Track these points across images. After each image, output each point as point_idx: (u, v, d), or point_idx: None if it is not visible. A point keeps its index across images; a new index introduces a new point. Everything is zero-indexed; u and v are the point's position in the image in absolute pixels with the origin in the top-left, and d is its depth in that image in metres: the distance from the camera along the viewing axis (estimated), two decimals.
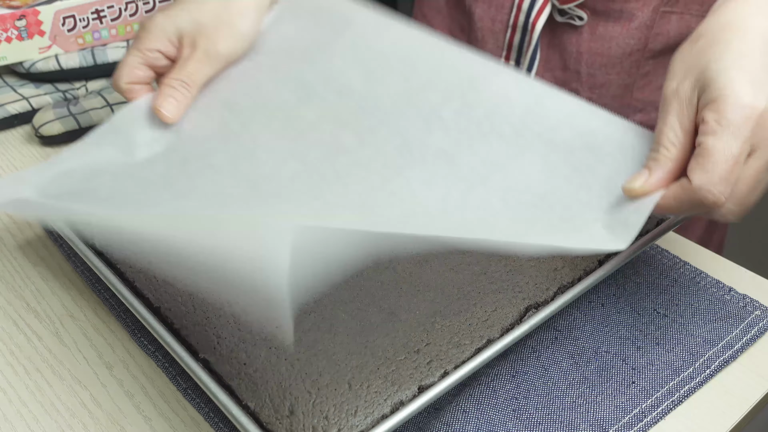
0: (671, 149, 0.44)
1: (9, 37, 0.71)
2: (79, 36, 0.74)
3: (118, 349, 0.49)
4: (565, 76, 0.76)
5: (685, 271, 0.52)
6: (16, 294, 0.54)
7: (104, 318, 0.52)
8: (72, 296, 0.53)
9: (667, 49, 0.72)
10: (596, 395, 0.45)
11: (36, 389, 0.47)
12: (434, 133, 0.51)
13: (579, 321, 0.49)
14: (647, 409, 0.44)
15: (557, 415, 0.44)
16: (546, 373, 0.46)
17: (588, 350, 0.47)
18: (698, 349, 0.47)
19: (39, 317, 0.52)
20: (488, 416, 0.44)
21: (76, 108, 0.69)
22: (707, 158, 0.41)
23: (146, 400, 0.46)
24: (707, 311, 0.50)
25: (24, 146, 0.68)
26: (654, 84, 0.74)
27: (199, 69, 0.56)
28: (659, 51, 0.72)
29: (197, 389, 0.46)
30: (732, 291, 0.51)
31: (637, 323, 0.49)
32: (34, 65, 0.73)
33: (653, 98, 0.75)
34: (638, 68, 0.73)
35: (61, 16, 0.72)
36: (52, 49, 0.73)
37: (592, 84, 0.74)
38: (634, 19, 0.70)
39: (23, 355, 0.49)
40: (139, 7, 0.76)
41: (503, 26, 0.75)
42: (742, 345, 0.47)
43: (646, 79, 0.74)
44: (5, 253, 0.57)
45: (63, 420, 0.45)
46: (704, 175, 0.41)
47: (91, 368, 0.48)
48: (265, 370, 0.43)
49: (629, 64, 0.73)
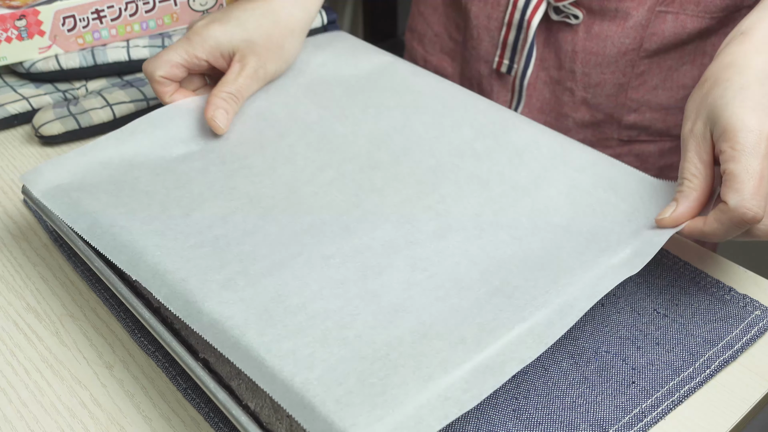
0: (694, 181, 0.48)
1: (9, 37, 0.71)
2: (79, 36, 0.74)
3: (118, 349, 0.49)
4: (560, 75, 0.76)
5: (685, 271, 0.52)
6: (16, 294, 0.54)
7: (104, 318, 0.52)
8: (72, 296, 0.53)
9: (663, 49, 0.72)
10: (596, 395, 0.45)
11: (36, 389, 0.47)
12: (466, 159, 0.55)
13: (579, 321, 0.49)
14: (647, 409, 0.44)
15: (557, 415, 0.44)
16: (546, 373, 0.46)
17: (588, 350, 0.47)
18: (698, 349, 0.47)
19: (39, 317, 0.52)
20: (488, 416, 0.44)
21: (76, 108, 0.69)
22: (735, 180, 0.45)
23: (146, 400, 0.46)
24: (707, 311, 0.50)
25: (24, 146, 0.68)
26: (649, 84, 0.74)
27: (248, 85, 0.60)
28: (654, 51, 0.72)
29: (197, 389, 0.46)
30: (732, 291, 0.51)
31: (637, 323, 0.49)
32: (34, 65, 0.73)
33: (648, 98, 0.75)
34: (633, 68, 0.73)
35: (61, 16, 0.72)
36: (52, 49, 0.73)
37: (586, 83, 0.74)
38: (629, 19, 0.70)
39: (23, 355, 0.49)
40: (139, 7, 0.76)
41: (498, 24, 0.75)
42: (742, 345, 0.47)
43: (640, 78, 0.74)
44: (5, 253, 0.57)
45: (63, 420, 0.45)
46: (736, 195, 0.45)
47: (91, 368, 0.48)
48: None
49: (624, 63, 0.73)
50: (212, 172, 0.55)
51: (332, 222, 0.50)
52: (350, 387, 0.39)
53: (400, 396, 0.38)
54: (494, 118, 0.58)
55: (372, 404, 0.38)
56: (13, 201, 0.62)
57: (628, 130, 0.76)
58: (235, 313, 0.43)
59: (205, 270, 0.46)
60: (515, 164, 0.54)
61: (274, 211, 0.51)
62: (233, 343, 0.41)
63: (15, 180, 0.64)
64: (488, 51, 0.77)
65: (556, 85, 0.76)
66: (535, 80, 0.76)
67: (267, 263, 0.47)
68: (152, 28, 0.77)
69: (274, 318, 0.43)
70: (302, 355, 0.40)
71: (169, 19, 0.78)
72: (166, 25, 0.78)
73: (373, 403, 0.38)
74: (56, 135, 0.67)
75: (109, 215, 0.50)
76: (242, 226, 0.50)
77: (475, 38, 0.78)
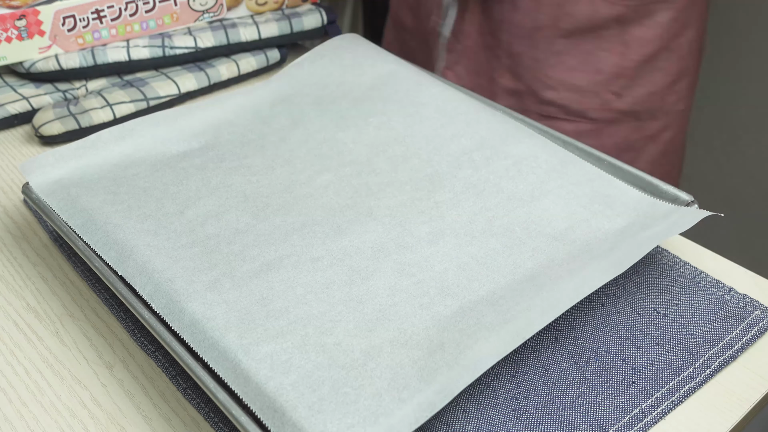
0: None
1: (9, 37, 0.71)
2: (79, 36, 0.74)
3: (118, 349, 0.49)
4: (492, 42, 0.81)
5: (685, 271, 0.52)
6: (16, 294, 0.54)
7: (104, 318, 0.52)
8: (72, 296, 0.53)
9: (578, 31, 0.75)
10: (596, 395, 0.45)
11: (36, 389, 0.47)
12: (464, 169, 0.55)
13: (579, 321, 0.49)
14: (647, 409, 0.44)
15: (557, 415, 0.44)
16: (546, 373, 0.46)
17: (588, 350, 0.47)
18: (698, 349, 0.47)
19: (39, 317, 0.52)
20: (488, 416, 0.44)
21: (76, 108, 0.69)
22: None
23: (146, 400, 0.46)
24: (707, 311, 0.50)
25: (24, 146, 0.68)
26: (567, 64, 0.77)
27: None
28: (570, 31, 0.75)
29: (197, 389, 0.46)
30: (732, 291, 0.51)
31: (637, 323, 0.49)
32: (34, 65, 0.73)
33: (564, 78, 0.78)
34: (550, 45, 0.76)
35: (61, 16, 0.72)
36: (52, 49, 0.73)
37: (509, 52, 0.79)
38: None
39: (23, 355, 0.49)
40: (139, 7, 0.76)
41: None
42: (742, 345, 0.47)
43: (558, 57, 0.77)
44: (5, 253, 0.57)
45: (63, 420, 0.45)
46: None
47: (91, 368, 0.48)
48: None
49: (540, 39, 0.77)
50: (210, 169, 0.56)
51: (324, 222, 0.51)
52: (323, 394, 0.39)
53: (373, 407, 0.38)
54: (495, 130, 0.59)
55: (343, 412, 0.38)
56: (13, 201, 0.62)
57: (546, 106, 0.81)
58: (218, 314, 0.44)
59: (193, 271, 0.46)
60: (512, 175, 0.55)
61: (267, 210, 0.52)
62: (211, 344, 0.42)
63: (15, 180, 0.64)
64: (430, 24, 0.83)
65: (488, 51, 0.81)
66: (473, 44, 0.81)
67: (255, 265, 0.47)
68: (152, 28, 0.77)
69: (256, 321, 0.43)
70: (279, 360, 0.41)
71: (169, 19, 0.78)
72: (166, 25, 0.78)
73: (345, 411, 0.38)
74: (56, 135, 0.67)
75: (105, 212, 0.51)
76: (235, 224, 0.50)
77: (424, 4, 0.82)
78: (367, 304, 0.44)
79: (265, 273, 0.47)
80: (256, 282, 0.46)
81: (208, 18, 0.80)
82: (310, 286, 0.46)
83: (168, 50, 0.76)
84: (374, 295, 0.45)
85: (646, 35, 0.76)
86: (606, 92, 0.79)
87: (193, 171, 0.55)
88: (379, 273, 0.47)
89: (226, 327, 0.43)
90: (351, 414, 0.38)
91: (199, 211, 0.52)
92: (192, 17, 0.79)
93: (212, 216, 0.51)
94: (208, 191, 0.53)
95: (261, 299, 0.45)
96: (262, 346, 0.42)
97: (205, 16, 0.80)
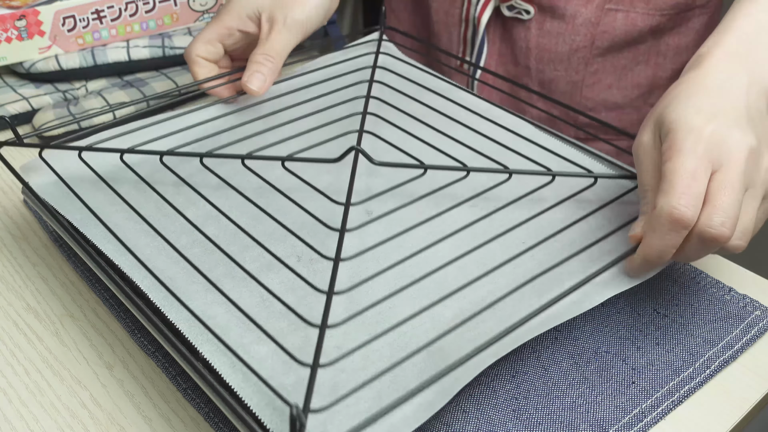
0: (649, 193, 0.46)
1: (9, 37, 0.71)
2: (79, 36, 0.74)
3: (118, 349, 0.49)
4: (516, 71, 0.76)
5: (685, 271, 0.52)
6: (16, 294, 0.54)
7: (104, 318, 0.52)
8: (72, 296, 0.53)
9: (615, 47, 0.73)
10: (596, 395, 0.45)
11: (36, 389, 0.47)
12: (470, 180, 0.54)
13: (579, 321, 0.49)
14: (647, 409, 0.44)
15: (557, 415, 0.44)
16: (546, 373, 0.46)
17: (588, 350, 0.47)
18: (698, 349, 0.47)
19: (39, 317, 0.52)
20: (488, 416, 0.44)
21: (76, 108, 0.69)
22: (664, 180, 0.43)
23: (146, 400, 0.46)
24: (707, 311, 0.50)
25: (24, 147, 0.68)
26: (603, 83, 0.75)
27: (279, 40, 0.59)
28: (607, 49, 0.72)
29: (197, 389, 0.46)
30: (732, 291, 0.51)
31: (637, 323, 0.49)
32: (34, 65, 0.73)
33: (603, 98, 0.75)
34: (586, 66, 0.73)
35: (61, 16, 0.72)
36: (52, 49, 0.73)
37: (541, 80, 0.75)
38: (578, 16, 0.71)
39: (23, 355, 0.49)
40: (139, 7, 0.76)
41: (457, 20, 0.76)
42: (742, 345, 0.47)
43: (594, 77, 0.74)
44: (5, 253, 0.57)
45: (63, 420, 0.45)
46: (663, 197, 0.43)
47: (91, 368, 0.48)
48: None
49: (576, 61, 0.73)
50: None
51: (326, 221, 0.50)
52: (324, 395, 0.39)
53: (373, 407, 0.38)
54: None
55: (344, 413, 0.38)
56: (13, 201, 0.62)
57: (585, 127, 0.77)
58: (219, 313, 0.44)
59: (193, 271, 0.46)
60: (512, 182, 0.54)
61: (269, 209, 0.51)
62: (208, 338, 0.42)
63: (15, 180, 0.64)
64: (448, 48, 0.79)
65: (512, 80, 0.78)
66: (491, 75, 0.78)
67: (256, 266, 0.47)
68: (152, 28, 0.77)
69: (258, 322, 0.43)
70: (279, 361, 0.41)
71: (169, 19, 0.78)
72: (166, 25, 0.78)
73: (345, 412, 0.38)
74: (56, 135, 0.67)
75: (105, 212, 0.51)
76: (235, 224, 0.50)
77: (437, 35, 0.79)
78: (367, 308, 0.44)
79: (265, 273, 0.47)
80: (256, 282, 0.46)
81: (208, 18, 0.80)
82: (311, 288, 0.46)
83: (168, 50, 0.76)
84: (374, 298, 0.45)
85: (681, 43, 0.74)
86: (645, 106, 0.77)
87: (194, 171, 0.55)
88: (379, 276, 0.47)
89: (227, 327, 0.43)
90: (351, 414, 0.38)
91: (199, 211, 0.52)
92: (192, 17, 0.79)
93: (212, 217, 0.51)
94: (210, 190, 0.53)
95: (261, 301, 0.45)
96: (262, 346, 0.42)
97: (204, 16, 0.80)
